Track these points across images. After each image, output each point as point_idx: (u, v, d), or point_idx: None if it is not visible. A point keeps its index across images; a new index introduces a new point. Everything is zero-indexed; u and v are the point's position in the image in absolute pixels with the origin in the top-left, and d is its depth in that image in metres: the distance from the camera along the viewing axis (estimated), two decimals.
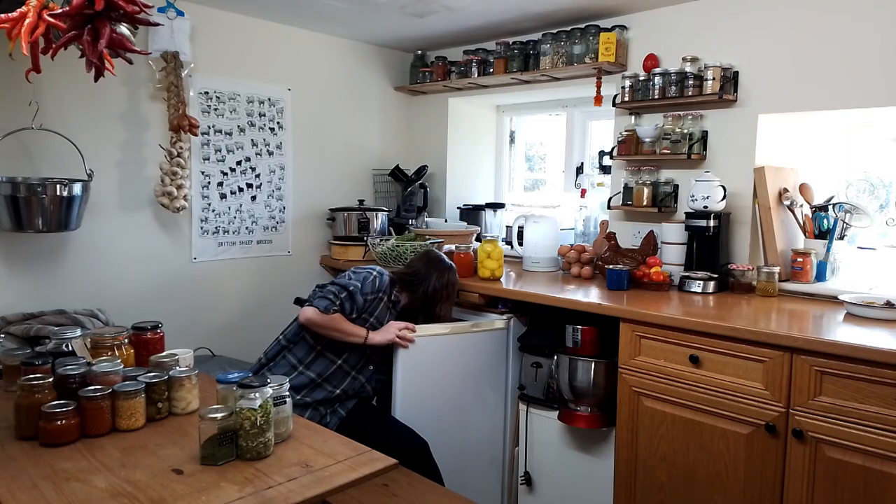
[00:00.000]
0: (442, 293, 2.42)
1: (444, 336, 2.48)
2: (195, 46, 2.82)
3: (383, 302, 2.36)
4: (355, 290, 2.27)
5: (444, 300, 2.44)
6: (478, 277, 2.72)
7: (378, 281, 2.33)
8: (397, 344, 2.34)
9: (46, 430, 1.45)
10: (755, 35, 2.53)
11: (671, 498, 2.11)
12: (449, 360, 2.49)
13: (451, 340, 2.50)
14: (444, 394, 2.49)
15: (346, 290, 2.26)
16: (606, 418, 2.33)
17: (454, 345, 2.50)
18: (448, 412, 2.50)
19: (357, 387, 2.35)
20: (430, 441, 2.31)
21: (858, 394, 1.74)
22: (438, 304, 2.43)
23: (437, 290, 2.41)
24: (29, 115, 2.35)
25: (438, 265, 2.46)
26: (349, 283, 2.28)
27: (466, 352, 2.52)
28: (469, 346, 2.53)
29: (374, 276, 2.34)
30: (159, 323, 1.95)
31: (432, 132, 3.76)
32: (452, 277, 2.48)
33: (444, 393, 2.49)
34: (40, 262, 2.52)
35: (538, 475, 2.57)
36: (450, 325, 2.55)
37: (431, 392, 2.49)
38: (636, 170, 2.83)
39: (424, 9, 2.91)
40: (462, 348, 2.51)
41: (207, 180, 2.99)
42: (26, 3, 1.48)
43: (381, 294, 2.34)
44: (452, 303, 2.53)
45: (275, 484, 1.30)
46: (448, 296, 2.46)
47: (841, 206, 2.48)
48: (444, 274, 2.44)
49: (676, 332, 2.06)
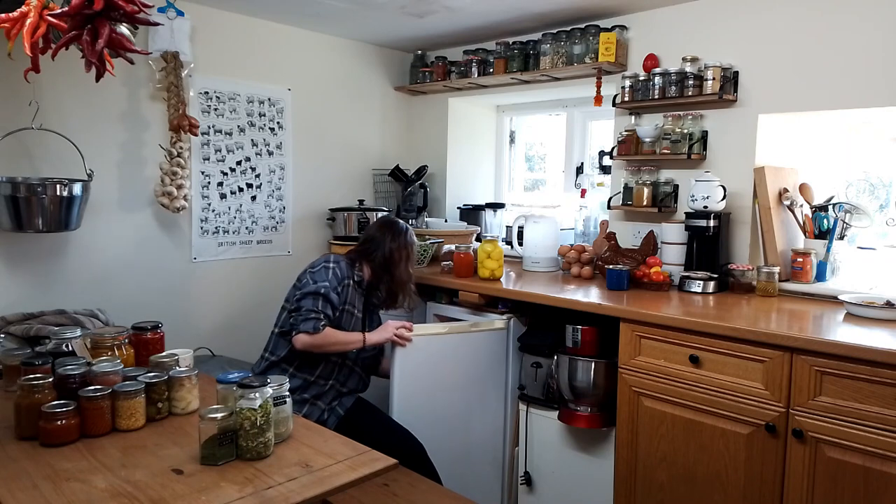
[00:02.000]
0: (398, 254, 2.37)
1: (444, 336, 2.49)
2: (195, 46, 2.81)
3: (350, 286, 2.32)
4: (328, 290, 2.23)
5: (402, 261, 2.39)
6: (478, 277, 2.72)
7: (339, 269, 2.29)
8: (395, 343, 2.34)
9: (46, 430, 1.45)
10: (755, 35, 2.53)
11: (671, 498, 2.11)
12: (449, 361, 2.49)
13: (451, 341, 2.50)
14: (444, 394, 2.50)
15: (320, 297, 2.21)
16: (606, 418, 2.33)
17: (454, 345, 2.50)
18: (448, 412, 2.50)
19: (346, 372, 2.35)
20: (429, 441, 2.32)
21: (858, 394, 1.74)
22: (397, 266, 2.37)
23: (393, 251, 2.37)
24: (29, 115, 2.35)
25: (392, 227, 2.42)
26: (319, 287, 2.22)
27: (466, 352, 2.52)
28: (469, 346, 2.53)
29: (333, 266, 2.28)
30: (159, 323, 1.95)
31: (432, 132, 3.76)
32: (407, 237, 2.42)
33: (444, 393, 2.50)
34: (40, 262, 2.52)
35: (538, 475, 2.57)
36: (448, 325, 2.55)
37: (431, 392, 2.49)
38: (636, 170, 2.83)
39: (424, 9, 2.91)
40: (462, 348, 2.51)
41: (207, 180, 2.99)
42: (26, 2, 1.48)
43: (346, 280, 2.30)
44: (412, 264, 2.46)
45: (275, 484, 1.30)
46: (406, 257, 2.40)
47: (841, 206, 2.48)
48: (397, 235, 2.40)
49: (676, 332, 2.06)
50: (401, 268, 2.38)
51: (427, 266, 3.02)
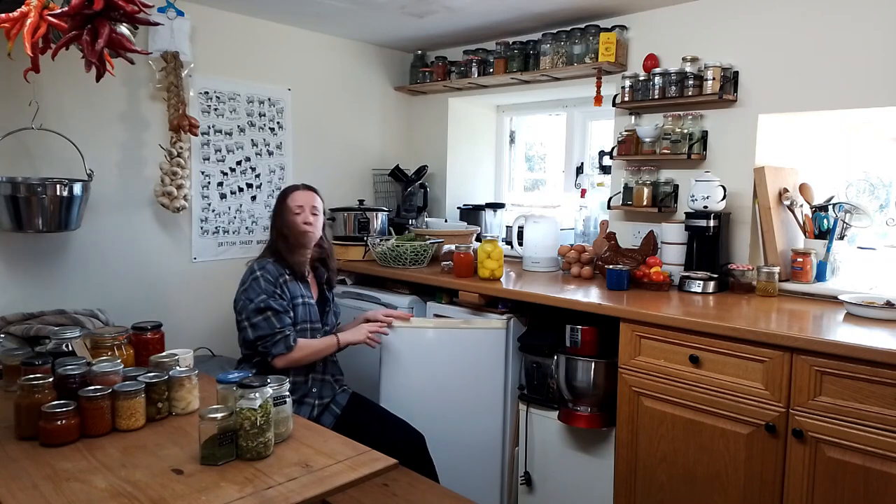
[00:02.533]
0: (280, 207, 2.34)
1: (438, 331, 2.52)
2: (195, 46, 2.82)
3: (285, 280, 2.26)
4: (267, 302, 2.18)
5: (284, 213, 2.32)
6: (478, 277, 2.72)
7: (266, 273, 2.23)
8: (368, 345, 2.41)
9: (46, 430, 1.45)
10: (755, 35, 2.53)
11: (671, 498, 2.11)
12: (448, 361, 2.49)
13: (451, 340, 2.51)
14: (444, 394, 2.50)
15: (269, 311, 2.17)
16: (606, 418, 2.32)
17: (454, 345, 2.51)
18: (448, 412, 2.50)
19: (321, 364, 2.33)
20: (429, 441, 2.32)
21: (858, 394, 1.74)
22: (280, 217, 2.32)
23: (277, 207, 2.35)
24: (29, 115, 2.35)
25: (278, 196, 2.39)
26: (259, 304, 2.17)
27: (466, 352, 2.52)
28: (469, 345, 2.53)
29: (259, 274, 2.23)
30: (159, 323, 1.95)
31: (432, 132, 3.76)
32: (284, 192, 2.37)
33: (444, 393, 2.50)
34: (40, 262, 2.52)
35: (538, 475, 2.57)
36: (438, 321, 2.61)
37: (431, 392, 2.49)
38: (636, 170, 2.83)
39: (424, 9, 2.91)
40: (462, 348, 2.51)
41: (207, 180, 2.99)
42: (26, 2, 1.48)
43: (278, 279, 2.25)
44: (294, 211, 2.33)
45: (275, 484, 1.30)
46: (286, 209, 2.32)
47: (841, 206, 2.48)
48: (280, 198, 2.36)
49: (676, 332, 2.06)
50: (284, 219, 2.31)
51: (427, 266, 3.02)
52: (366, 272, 3.12)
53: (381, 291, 3.03)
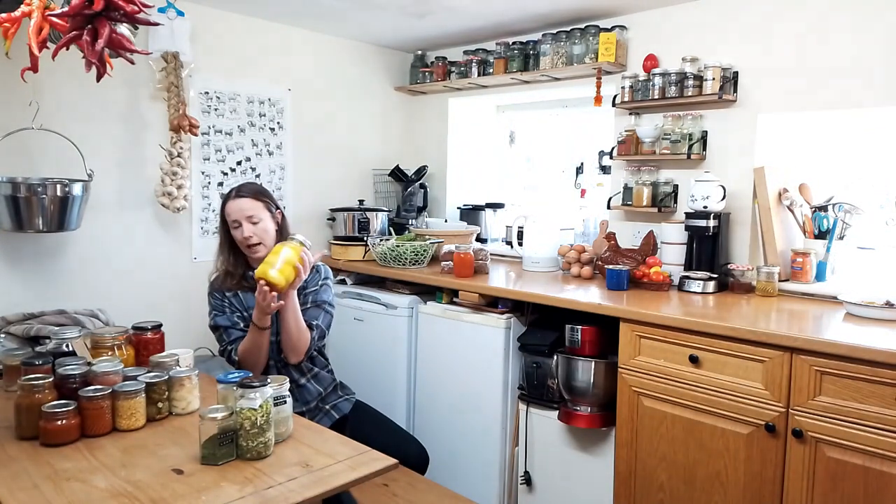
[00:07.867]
0: (221, 218, 2.20)
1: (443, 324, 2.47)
2: (195, 46, 2.82)
3: (234, 293, 2.16)
4: (214, 318, 2.14)
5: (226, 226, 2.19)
6: (478, 277, 2.72)
7: (212, 290, 2.17)
8: (266, 305, 1.97)
9: (47, 430, 1.45)
10: (755, 35, 2.53)
11: (671, 498, 2.11)
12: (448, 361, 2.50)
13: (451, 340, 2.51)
14: (443, 394, 2.50)
15: (219, 329, 2.14)
16: (606, 418, 2.32)
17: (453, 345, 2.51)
18: (447, 412, 2.51)
19: (271, 363, 2.17)
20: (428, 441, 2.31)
21: (858, 394, 1.74)
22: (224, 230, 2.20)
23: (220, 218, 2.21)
24: (29, 115, 2.35)
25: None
26: (211, 322, 2.16)
27: (466, 351, 2.52)
28: (469, 345, 2.53)
29: (209, 292, 2.19)
30: (159, 323, 1.95)
31: (432, 132, 3.76)
32: (222, 201, 2.23)
33: (443, 393, 2.50)
34: (40, 262, 2.52)
35: (538, 475, 2.57)
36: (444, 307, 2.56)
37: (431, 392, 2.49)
38: (636, 170, 2.83)
39: (424, 9, 2.91)
40: (461, 348, 2.52)
41: (208, 180, 2.99)
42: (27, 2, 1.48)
43: (225, 293, 2.16)
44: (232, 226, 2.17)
45: (275, 484, 1.30)
46: (225, 223, 2.19)
47: (841, 206, 2.48)
48: (221, 208, 2.21)
49: (676, 332, 2.06)
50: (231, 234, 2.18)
51: (427, 266, 3.02)
52: (366, 272, 3.12)
53: (381, 291, 3.04)
